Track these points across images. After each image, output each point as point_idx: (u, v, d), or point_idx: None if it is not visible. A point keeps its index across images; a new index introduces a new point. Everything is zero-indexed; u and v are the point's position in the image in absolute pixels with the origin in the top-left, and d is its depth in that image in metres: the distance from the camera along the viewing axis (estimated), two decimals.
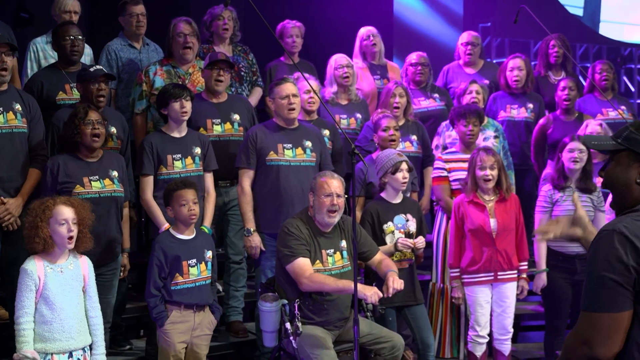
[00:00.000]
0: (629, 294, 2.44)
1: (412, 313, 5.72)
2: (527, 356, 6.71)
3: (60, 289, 4.52)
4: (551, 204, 5.99)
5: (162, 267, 5.05)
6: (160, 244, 5.11)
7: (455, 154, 6.38)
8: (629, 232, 2.45)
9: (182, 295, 5.08)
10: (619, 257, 2.44)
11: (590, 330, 2.48)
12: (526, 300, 7.11)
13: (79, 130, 5.12)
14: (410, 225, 5.74)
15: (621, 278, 2.43)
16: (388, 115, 6.33)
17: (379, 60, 7.71)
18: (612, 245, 2.45)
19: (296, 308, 4.99)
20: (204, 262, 5.20)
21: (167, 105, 5.64)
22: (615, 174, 2.64)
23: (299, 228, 5.10)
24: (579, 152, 5.96)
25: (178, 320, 5.08)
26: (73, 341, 4.54)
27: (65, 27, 5.94)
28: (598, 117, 7.34)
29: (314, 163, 5.83)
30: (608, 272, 2.44)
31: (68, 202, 4.60)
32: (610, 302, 2.45)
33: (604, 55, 11.47)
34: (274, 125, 5.85)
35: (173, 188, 5.15)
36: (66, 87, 5.87)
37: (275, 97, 5.80)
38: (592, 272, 2.49)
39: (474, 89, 6.96)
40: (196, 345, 5.18)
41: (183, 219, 5.13)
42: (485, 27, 10.63)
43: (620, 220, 2.51)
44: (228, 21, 6.92)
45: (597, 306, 2.47)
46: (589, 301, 2.49)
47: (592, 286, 2.49)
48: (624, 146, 2.61)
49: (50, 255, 4.55)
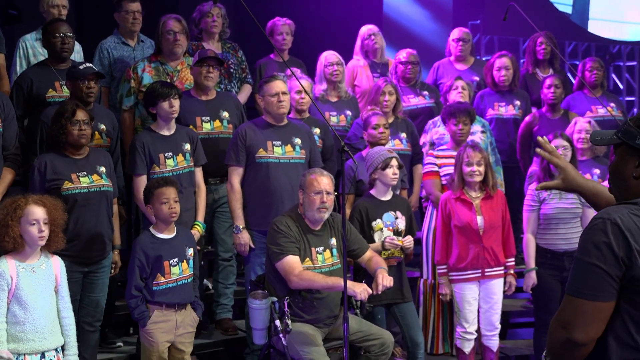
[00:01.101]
0: (615, 284, 2.45)
1: (401, 311, 5.73)
2: (517, 353, 6.73)
3: (32, 288, 4.47)
4: (538, 202, 6.01)
5: (144, 268, 5.04)
6: (141, 245, 5.08)
7: (446, 151, 6.40)
8: (623, 224, 2.44)
9: (164, 295, 5.06)
10: (611, 247, 2.43)
11: (572, 315, 2.49)
12: (515, 297, 7.14)
13: (66, 130, 5.10)
14: (399, 223, 5.74)
15: (610, 269, 2.43)
16: (378, 113, 6.34)
17: (380, 58, 7.72)
18: (605, 235, 2.45)
19: (286, 305, 4.99)
20: (186, 260, 5.17)
21: (155, 105, 5.62)
22: (614, 168, 2.64)
23: (288, 226, 5.10)
24: (563, 149, 5.98)
25: (160, 320, 5.06)
26: (46, 341, 4.49)
27: (56, 24, 5.92)
28: (587, 115, 7.36)
29: (304, 160, 5.83)
30: (598, 260, 2.44)
31: (40, 201, 4.53)
32: (596, 291, 2.45)
33: (592, 52, 11.50)
34: (263, 123, 5.85)
35: (154, 186, 5.12)
36: (56, 85, 5.85)
37: (264, 94, 5.80)
38: (582, 258, 2.48)
39: (459, 85, 6.98)
40: (179, 343, 5.17)
41: (163, 217, 5.10)
42: (474, 25, 10.64)
43: (617, 210, 2.49)
44: (217, 18, 6.91)
45: (582, 293, 2.47)
46: (574, 286, 2.49)
47: (580, 272, 2.48)
48: (621, 140, 2.60)
49: (21, 254, 4.49)
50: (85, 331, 5.22)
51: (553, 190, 5.93)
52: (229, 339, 6.13)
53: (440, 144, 6.76)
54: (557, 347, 2.56)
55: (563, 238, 5.96)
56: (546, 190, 5.99)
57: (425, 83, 7.74)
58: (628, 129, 2.58)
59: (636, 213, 2.48)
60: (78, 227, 5.11)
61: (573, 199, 5.98)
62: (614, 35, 11.82)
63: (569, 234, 5.95)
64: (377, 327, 5.27)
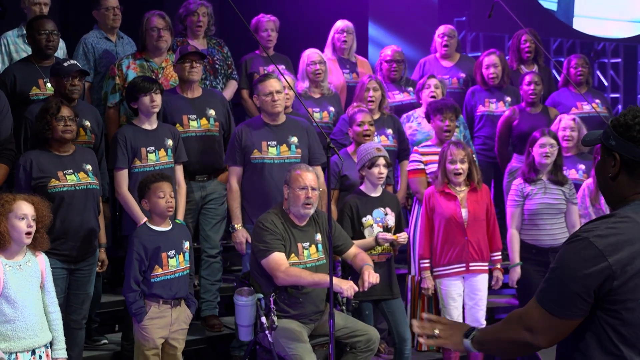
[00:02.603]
0: (586, 303, 2.47)
1: (389, 307, 5.73)
2: None
3: (20, 286, 4.43)
4: (522, 198, 6.03)
5: (142, 261, 5.03)
6: (139, 238, 5.08)
7: (431, 147, 6.41)
8: (600, 240, 2.45)
9: (162, 287, 5.06)
10: (585, 268, 2.44)
11: (538, 324, 2.53)
12: (500, 293, 7.16)
13: (51, 127, 5.08)
14: (388, 219, 5.75)
15: (581, 288, 2.45)
16: (363, 110, 6.33)
17: (347, 55, 7.72)
18: (580, 255, 2.46)
19: (272, 302, 4.99)
20: (182, 253, 5.18)
21: (136, 99, 5.61)
22: (597, 168, 2.68)
23: (273, 223, 5.10)
24: (550, 147, 6.01)
25: (156, 316, 5.07)
26: (37, 338, 4.46)
27: (41, 21, 5.89)
28: (572, 111, 7.40)
29: (299, 159, 5.81)
30: (572, 281, 2.46)
31: (29, 198, 4.50)
32: (566, 309, 2.48)
33: (577, 49, 11.53)
34: (260, 122, 5.86)
35: (150, 180, 5.13)
36: (40, 82, 5.82)
37: (259, 93, 5.80)
38: (557, 273, 2.51)
39: (432, 84, 6.97)
40: (173, 339, 5.17)
41: (160, 211, 5.11)
42: (460, 22, 10.65)
43: (596, 226, 2.51)
44: (202, 18, 6.87)
45: (553, 308, 2.50)
46: (546, 297, 2.52)
47: (553, 285, 2.51)
48: (600, 140, 2.63)
49: (6, 252, 4.44)
50: (72, 329, 5.20)
51: (537, 184, 6.01)
52: (215, 336, 6.12)
53: (412, 141, 6.78)
54: (512, 344, 2.62)
55: (548, 234, 5.99)
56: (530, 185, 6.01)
57: (410, 79, 7.75)
58: (606, 130, 2.62)
59: (613, 227, 2.49)
60: (64, 225, 5.09)
61: (557, 194, 6.00)
62: (598, 32, 11.86)
63: (554, 230, 5.97)
64: (362, 324, 5.28)
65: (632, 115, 2.56)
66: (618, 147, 2.56)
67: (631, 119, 2.55)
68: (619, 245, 2.45)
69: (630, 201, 2.57)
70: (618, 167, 2.57)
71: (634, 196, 2.57)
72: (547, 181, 6.03)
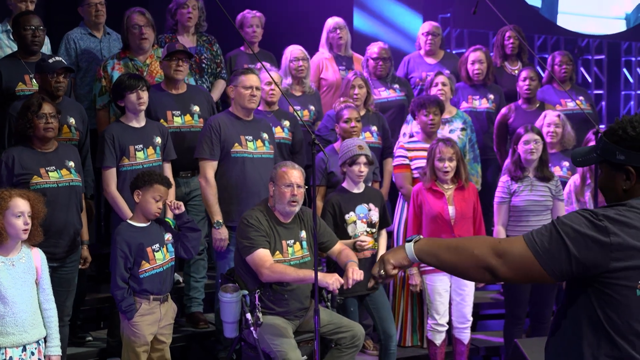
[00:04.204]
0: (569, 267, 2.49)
1: (374, 303, 5.73)
2: (487, 344, 6.77)
3: (12, 282, 4.44)
4: (509, 195, 6.05)
5: (127, 258, 5.01)
6: (122, 235, 5.06)
7: (417, 143, 6.42)
8: (607, 221, 2.49)
9: (152, 282, 5.05)
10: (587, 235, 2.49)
11: (512, 256, 2.54)
12: (486, 288, 7.18)
13: (32, 124, 5.05)
14: (372, 215, 5.75)
15: (573, 251, 2.49)
16: (351, 106, 6.32)
17: (345, 52, 7.72)
18: (586, 222, 2.51)
19: (256, 299, 4.99)
20: (165, 245, 5.18)
21: (123, 97, 5.59)
22: (603, 184, 2.71)
23: (258, 219, 5.09)
24: (535, 143, 6.02)
25: (147, 312, 5.06)
26: (27, 335, 4.48)
27: (27, 17, 5.87)
28: (557, 108, 7.42)
29: (272, 155, 5.83)
30: (570, 240, 2.50)
31: (24, 194, 4.53)
32: (548, 259, 2.51)
33: (561, 46, 11.57)
34: (233, 116, 5.83)
35: (154, 179, 5.08)
36: (25, 78, 5.80)
37: (238, 84, 5.77)
38: (558, 226, 2.54)
39: (440, 81, 6.95)
40: (162, 335, 5.17)
41: (148, 211, 5.09)
42: (444, 18, 10.67)
43: (605, 210, 2.55)
44: (192, 10, 6.84)
45: (536, 250, 2.52)
46: (535, 239, 2.55)
47: (549, 234, 2.55)
48: (602, 158, 2.66)
49: (1, 248, 4.47)
50: None
51: (524, 181, 6.02)
52: (200, 333, 6.12)
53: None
54: (469, 260, 2.58)
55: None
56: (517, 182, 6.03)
57: (397, 76, 7.74)
58: (605, 146, 2.64)
59: (622, 213, 2.53)
60: (47, 223, 5.04)
61: (544, 191, 6.02)
62: (582, 29, 11.91)
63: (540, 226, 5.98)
64: (347, 320, 5.28)
65: (632, 127, 2.59)
66: (630, 160, 2.59)
67: (632, 130, 2.58)
68: (624, 230, 2.49)
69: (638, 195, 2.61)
70: (635, 180, 2.61)
71: None
72: (534, 178, 6.05)
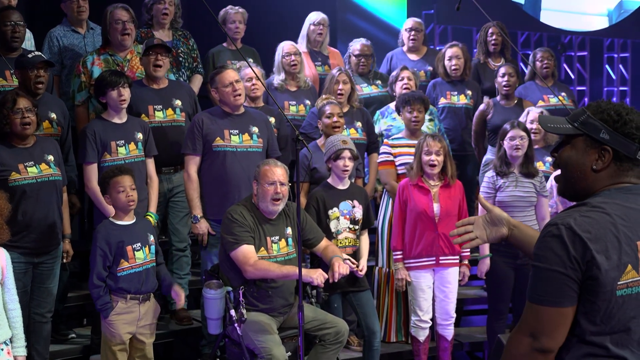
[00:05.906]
0: (575, 288, 2.43)
1: (358, 299, 5.73)
2: (470, 340, 6.78)
3: None
4: (494, 190, 6.05)
5: (106, 256, 4.98)
6: (102, 233, 5.02)
7: (401, 140, 6.42)
8: (578, 227, 2.42)
9: (129, 281, 5.01)
10: (568, 251, 2.41)
11: (536, 323, 2.47)
12: (469, 284, 7.18)
13: (8, 120, 5.00)
14: (356, 212, 5.75)
15: (570, 272, 2.42)
16: (332, 102, 6.32)
17: (320, 49, 7.71)
18: (560, 240, 2.42)
19: (240, 295, 4.98)
20: (148, 245, 5.14)
21: (105, 94, 5.57)
22: (570, 158, 2.60)
23: (242, 215, 5.07)
24: (520, 140, 6.03)
25: (123, 311, 5.02)
26: None
27: (6, 12, 5.83)
28: (539, 104, 7.44)
29: (261, 149, 5.81)
30: (558, 266, 2.42)
31: None
32: (559, 297, 2.44)
33: (544, 42, 11.61)
34: (220, 112, 5.81)
35: (109, 175, 5.07)
36: (6, 74, 5.78)
37: (218, 86, 5.75)
38: (541, 265, 2.46)
39: (405, 75, 6.99)
40: (141, 334, 5.13)
41: (121, 205, 5.06)
42: (428, 14, 10.68)
43: (569, 215, 2.47)
44: (169, 6, 6.82)
45: (546, 300, 2.45)
46: (536, 294, 2.47)
47: (540, 279, 2.46)
48: (582, 131, 2.58)
49: None
50: (37, 322, 5.16)
51: (509, 177, 6.03)
52: (184, 329, 6.10)
53: (388, 135, 6.79)
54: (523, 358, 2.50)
55: None
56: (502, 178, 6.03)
57: (379, 72, 7.76)
58: (589, 121, 2.56)
59: (587, 215, 2.46)
60: (27, 219, 5.04)
61: (528, 187, 6.03)
62: (565, 26, 11.95)
63: (524, 222, 5.99)
64: (332, 316, 5.28)
65: (625, 112, 2.53)
66: (612, 142, 2.53)
67: (625, 114, 2.53)
68: (596, 234, 2.42)
69: (599, 192, 2.55)
70: (609, 162, 2.54)
71: (605, 187, 2.55)
72: (519, 174, 6.06)
